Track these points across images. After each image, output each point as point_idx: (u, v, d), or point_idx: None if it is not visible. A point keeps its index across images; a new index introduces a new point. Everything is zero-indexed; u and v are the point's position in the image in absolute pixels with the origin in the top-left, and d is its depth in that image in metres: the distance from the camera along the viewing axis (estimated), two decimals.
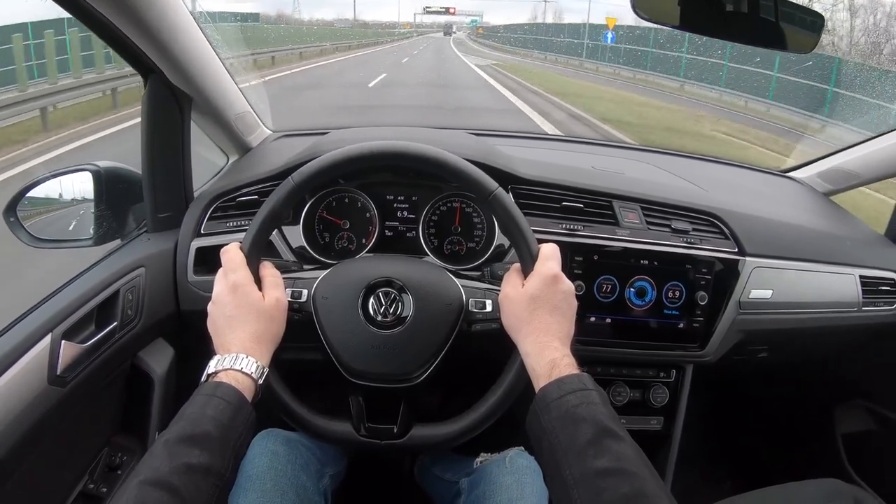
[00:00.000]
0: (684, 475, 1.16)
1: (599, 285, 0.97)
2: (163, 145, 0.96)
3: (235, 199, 0.99)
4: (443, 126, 1.47)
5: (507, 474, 0.86)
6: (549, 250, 0.72)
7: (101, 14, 0.74)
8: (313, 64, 16.55)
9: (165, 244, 0.97)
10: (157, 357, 0.95)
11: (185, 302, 0.96)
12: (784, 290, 1.04)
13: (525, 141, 1.44)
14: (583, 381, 0.62)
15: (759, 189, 1.34)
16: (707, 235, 1.02)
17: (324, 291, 0.77)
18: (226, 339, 0.68)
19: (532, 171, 1.01)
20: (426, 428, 0.77)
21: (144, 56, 0.84)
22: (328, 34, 29.90)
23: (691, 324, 1.00)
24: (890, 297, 1.11)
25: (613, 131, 7.33)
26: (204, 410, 0.60)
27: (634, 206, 1.02)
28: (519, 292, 0.70)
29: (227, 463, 0.58)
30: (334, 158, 0.75)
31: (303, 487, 0.81)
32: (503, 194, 0.75)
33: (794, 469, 1.41)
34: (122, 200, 1.01)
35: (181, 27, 0.85)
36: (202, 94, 0.96)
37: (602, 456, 0.55)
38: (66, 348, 0.77)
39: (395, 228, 1.01)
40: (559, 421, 0.60)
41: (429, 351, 0.75)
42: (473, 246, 1.01)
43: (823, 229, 1.18)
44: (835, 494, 0.96)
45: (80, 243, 0.97)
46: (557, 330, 0.68)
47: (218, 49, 0.98)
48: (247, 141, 1.16)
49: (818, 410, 1.36)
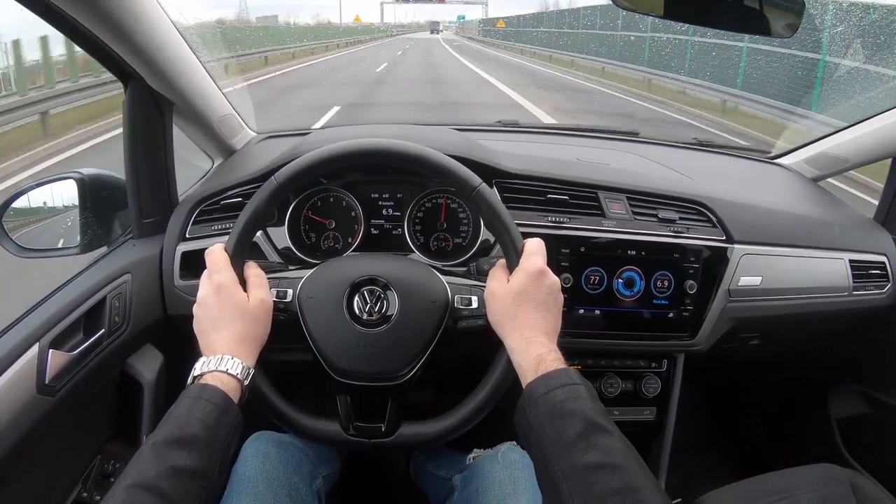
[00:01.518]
0: (681, 464, 1.17)
1: (587, 277, 0.97)
2: (145, 150, 0.95)
3: (220, 202, 0.99)
4: (427, 122, 1.46)
5: (499, 469, 0.86)
6: (534, 245, 0.72)
7: (78, 21, 0.74)
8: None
9: (151, 250, 0.97)
10: (146, 363, 0.95)
11: (172, 307, 0.96)
12: (773, 276, 1.04)
13: (510, 135, 1.43)
14: (570, 375, 0.62)
15: (746, 176, 1.34)
16: (694, 224, 1.02)
17: (308, 291, 0.77)
18: (211, 340, 0.68)
19: (516, 165, 1.01)
20: (414, 426, 0.77)
21: (123, 62, 0.84)
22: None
23: (681, 313, 1.00)
24: (880, 281, 1.11)
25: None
26: (190, 413, 0.60)
27: (620, 197, 1.01)
28: (504, 288, 0.70)
29: (214, 465, 0.58)
30: (315, 158, 0.75)
31: (295, 489, 0.81)
32: (487, 190, 0.75)
33: (790, 454, 1.41)
34: (108, 207, 1.01)
35: (160, 32, 0.85)
36: (183, 98, 0.95)
37: (591, 450, 0.55)
38: (54, 357, 0.77)
39: (381, 226, 1.01)
40: (547, 416, 0.59)
41: (415, 349, 0.75)
42: (460, 242, 1.01)
43: (812, 214, 1.18)
44: (831, 479, 0.97)
45: (67, 252, 0.97)
46: (543, 325, 0.68)
47: (199, 52, 0.98)
48: (231, 144, 1.16)
49: (812, 396, 1.37)
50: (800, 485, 0.95)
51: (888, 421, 1.22)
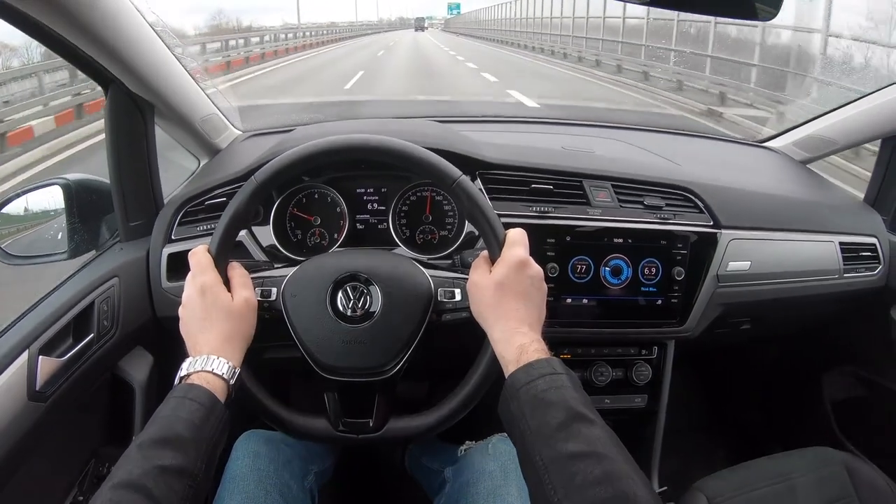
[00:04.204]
0: (675, 450, 1.17)
1: (574, 266, 0.97)
2: (128, 154, 0.95)
3: (204, 202, 0.99)
4: (409, 115, 1.43)
5: (490, 461, 0.86)
6: (516, 235, 0.72)
7: (52, 29, 0.74)
8: None
9: (138, 252, 0.97)
10: (137, 365, 0.96)
11: (160, 309, 0.97)
12: (762, 260, 1.03)
13: (493, 125, 1.43)
14: (552, 364, 0.62)
15: (734, 160, 1.33)
16: (681, 210, 1.01)
17: (292, 289, 0.77)
18: (197, 341, 0.68)
19: (499, 155, 1.01)
20: (402, 420, 0.77)
21: (101, 67, 0.84)
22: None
23: (669, 300, 1.00)
24: (871, 263, 1.11)
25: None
26: (176, 413, 0.60)
27: (605, 185, 1.01)
28: (486, 279, 0.70)
29: (200, 464, 0.59)
30: (294, 156, 0.75)
31: (287, 487, 0.82)
32: (466, 182, 0.75)
33: (785, 438, 1.42)
34: (94, 212, 1.01)
35: (137, 36, 0.85)
36: (164, 100, 0.95)
37: (572, 439, 0.55)
38: (43, 363, 0.78)
39: (366, 221, 1.01)
40: (528, 406, 0.59)
41: (399, 343, 0.75)
42: (446, 234, 1.00)
43: (801, 197, 1.17)
44: (826, 461, 0.97)
45: (55, 258, 0.97)
46: (526, 315, 0.68)
47: (178, 53, 0.97)
48: (215, 143, 1.16)
49: (806, 379, 1.37)
50: (795, 468, 0.95)
51: (882, 403, 1.22)
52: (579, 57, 13.64)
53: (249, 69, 12.92)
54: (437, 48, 22.55)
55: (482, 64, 13.39)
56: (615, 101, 8.44)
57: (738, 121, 6.20)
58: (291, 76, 12.43)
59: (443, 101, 8.15)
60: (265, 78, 11.79)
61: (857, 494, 0.92)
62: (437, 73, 12.97)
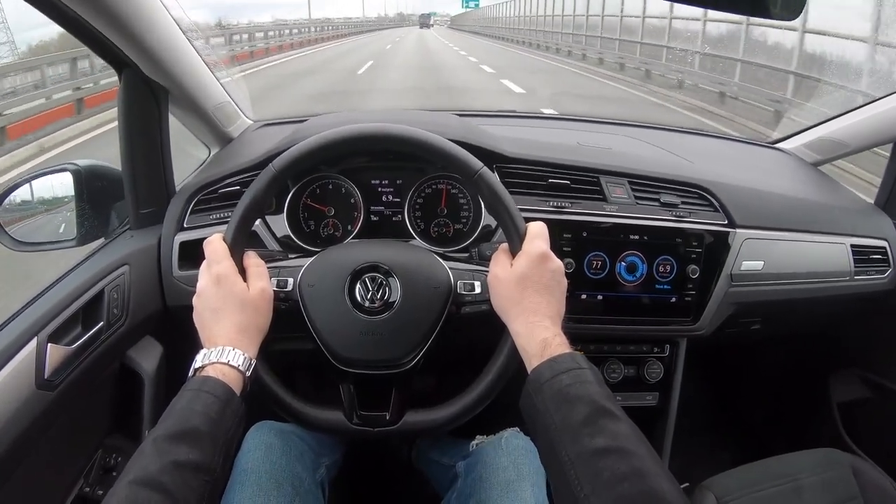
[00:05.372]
0: (683, 449, 1.17)
1: (589, 262, 0.97)
2: (141, 140, 0.94)
3: (217, 190, 0.98)
4: (428, 108, 1.44)
5: (502, 456, 0.86)
6: (537, 229, 0.71)
7: (70, 9, 0.72)
8: None
9: (149, 240, 0.96)
10: (146, 355, 0.94)
11: (171, 298, 0.95)
12: (775, 261, 1.03)
13: (511, 120, 1.42)
14: (576, 359, 0.61)
15: (747, 161, 1.33)
16: (696, 208, 1.01)
17: (309, 279, 0.76)
18: (212, 331, 0.67)
19: (517, 150, 1.00)
20: (419, 413, 0.76)
21: (118, 50, 0.83)
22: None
23: (683, 298, 1.00)
24: (881, 265, 1.11)
25: None
26: (192, 406, 0.59)
27: (622, 181, 1.01)
28: (507, 272, 0.69)
29: (217, 458, 0.58)
30: (314, 143, 0.74)
31: (298, 479, 0.81)
32: (488, 173, 0.74)
33: (791, 439, 1.42)
34: (104, 198, 1.00)
35: (154, 19, 0.84)
36: (179, 86, 0.94)
37: (598, 435, 0.55)
38: (52, 351, 0.76)
39: (381, 213, 1.00)
40: (553, 401, 0.59)
41: (418, 335, 0.74)
42: (461, 227, 1.00)
43: (813, 199, 1.17)
44: (832, 463, 0.97)
45: (64, 244, 0.96)
46: (547, 309, 0.67)
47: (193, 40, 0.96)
48: (227, 132, 1.15)
49: (813, 380, 1.37)
50: (801, 469, 0.95)
51: (889, 405, 1.23)
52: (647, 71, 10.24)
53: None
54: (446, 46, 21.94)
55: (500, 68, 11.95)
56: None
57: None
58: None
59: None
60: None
61: (864, 496, 0.91)
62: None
